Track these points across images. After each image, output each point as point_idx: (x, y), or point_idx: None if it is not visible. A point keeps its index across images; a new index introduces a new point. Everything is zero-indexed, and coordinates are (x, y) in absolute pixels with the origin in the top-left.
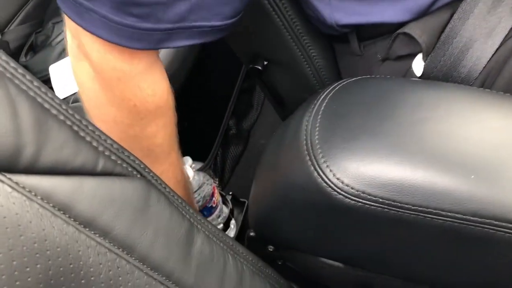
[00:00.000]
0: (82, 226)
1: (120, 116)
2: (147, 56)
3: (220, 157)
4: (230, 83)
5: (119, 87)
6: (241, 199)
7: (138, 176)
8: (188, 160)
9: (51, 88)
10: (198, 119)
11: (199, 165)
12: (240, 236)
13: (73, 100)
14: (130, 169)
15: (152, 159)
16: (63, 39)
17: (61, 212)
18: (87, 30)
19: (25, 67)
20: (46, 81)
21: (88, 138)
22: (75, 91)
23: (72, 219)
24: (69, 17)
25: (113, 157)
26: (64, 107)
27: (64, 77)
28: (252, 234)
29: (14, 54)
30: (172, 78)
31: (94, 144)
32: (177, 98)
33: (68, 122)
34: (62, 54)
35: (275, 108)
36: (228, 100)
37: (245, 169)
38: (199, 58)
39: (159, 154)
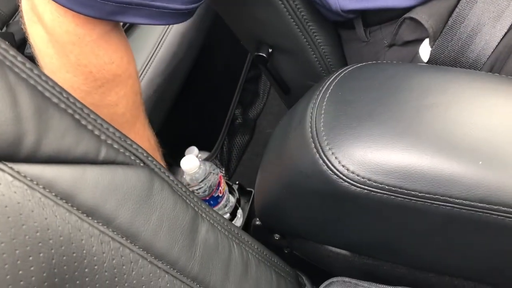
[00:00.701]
0: (85, 215)
1: (76, 83)
2: (102, 23)
3: (227, 147)
4: (235, 73)
5: (74, 52)
6: (248, 189)
7: (141, 164)
8: (194, 149)
9: None
10: (204, 109)
11: (205, 154)
12: (247, 226)
13: None
14: (133, 157)
15: None
16: None
17: (64, 201)
18: None
19: (30, 58)
20: None
21: (89, 127)
22: None
23: (74, 208)
24: None
25: (115, 146)
26: (65, 95)
27: None
28: (258, 223)
29: (20, 45)
30: (177, 67)
31: (96, 132)
32: (182, 89)
33: (70, 111)
34: None
35: (281, 96)
36: (234, 89)
37: (251, 158)
38: (204, 47)
39: (123, 124)
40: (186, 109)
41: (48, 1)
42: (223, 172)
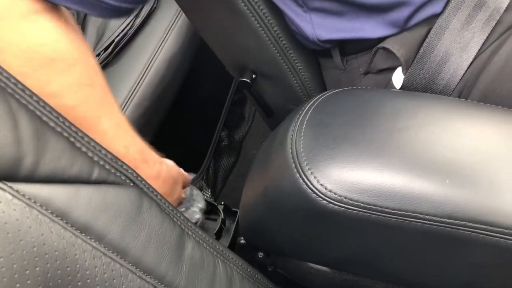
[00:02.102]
0: (78, 231)
1: (11, 63)
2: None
3: (213, 168)
4: (222, 96)
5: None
6: (234, 209)
7: (131, 184)
8: None
9: None
10: (191, 131)
11: (191, 176)
12: (233, 245)
13: None
14: (123, 177)
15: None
16: None
17: (59, 218)
18: None
19: None
20: None
21: (83, 149)
22: None
23: (69, 225)
24: None
25: (107, 167)
26: (61, 119)
27: None
28: (242, 241)
29: None
30: (165, 90)
31: (89, 154)
32: (169, 111)
33: (65, 134)
34: None
35: (264, 119)
36: (220, 112)
37: (237, 180)
38: (191, 71)
39: (80, 121)
40: (173, 132)
41: None
42: (209, 193)
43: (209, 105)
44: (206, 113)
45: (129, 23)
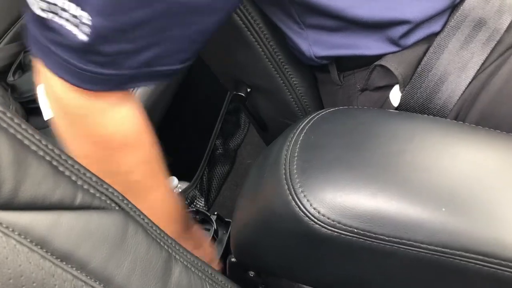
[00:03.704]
0: (59, 260)
1: (89, 151)
2: (112, 93)
3: (207, 177)
4: (217, 104)
5: (84, 123)
6: (227, 219)
7: (117, 208)
8: (174, 180)
9: (38, 107)
10: (185, 139)
11: (185, 184)
12: (225, 256)
13: None
14: (108, 201)
15: (131, 196)
16: None
17: (38, 247)
18: (51, 71)
19: (13, 86)
20: (33, 101)
21: (67, 173)
22: None
23: (49, 254)
24: (35, 54)
25: (91, 190)
26: (44, 142)
27: None
28: (233, 259)
29: (3, 73)
30: (159, 98)
31: (73, 178)
32: (163, 118)
33: (48, 158)
34: None
35: (259, 133)
36: (215, 120)
37: (231, 189)
38: (186, 79)
39: (140, 192)
40: (167, 140)
41: (58, 78)
42: (203, 202)
43: (204, 113)
44: (200, 121)
45: None
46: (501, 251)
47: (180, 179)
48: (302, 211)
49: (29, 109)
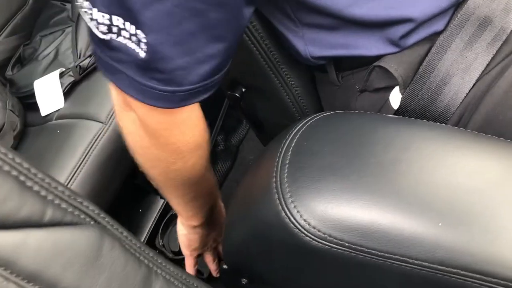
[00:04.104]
0: (25, 281)
1: (163, 156)
2: (186, 107)
3: None
4: (219, 97)
5: (164, 135)
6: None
7: (92, 222)
8: None
9: (35, 103)
10: None
11: None
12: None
13: (57, 116)
14: (82, 216)
15: (191, 183)
16: (49, 53)
17: (3, 268)
18: (119, 88)
19: (10, 81)
20: (31, 96)
21: (36, 188)
22: (59, 107)
23: (14, 275)
24: (105, 75)
25: (63, 205)
26: (10, 156)
27: (49, 93)
28: (225, 266)
29: (2, 67)
30: None
31: (43, 193)
32: None
33: (14, 173)
34: (48, 69)
35: (256, 133)
36: (216, 115)
37: (233, 185)
38: None
39: (198, 178)
40: None
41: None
42: None
43: (206, 108)
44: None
45: None
46: (501, 270)
47: None
48: (292, 223)
49: (27, 104)
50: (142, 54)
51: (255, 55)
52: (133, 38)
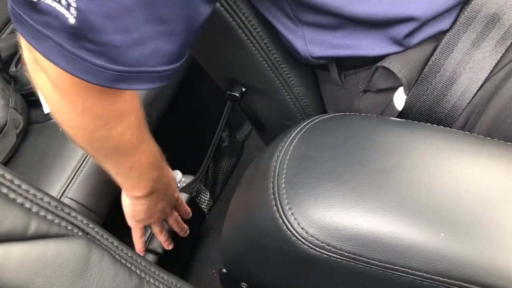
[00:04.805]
0: None
1: (84, 123)
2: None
3: (212, 170)
4: (223, 94)
5: (80, 99)
6: None
7: (80, 233)
8: (178, 174)
9: (38, 100)
10: (191, 131)
11: (189, 178)
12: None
13: None
14: (70, 227)
15: (122, 154)
16: None
17: None
18: (45, 57)
19: (14, 77)
20: (34, 93)
21: (19, 200)
22: None
23: None
24: (26, 40)
25: (49, 217)
26: None
27: None
28: (224, 270)
29: (6, 63)
30: (163, 90)
31: (27, 205)
32: (168, 108)
33: None
34: None
35: (257, 133)
36: (221, 111)
37: (238, 182)
38: (190, 68)
39: (129, 148)
40: (172, 131)
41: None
42: (208, 196)
43: (210, 104)
44: (207, 112)
45: None
46: (505, 284)
47: (184, 173)
48: (290, 231)
49: (30, 101)
50: (72, 20)
51: (255, 55)
52: (63, 2)
